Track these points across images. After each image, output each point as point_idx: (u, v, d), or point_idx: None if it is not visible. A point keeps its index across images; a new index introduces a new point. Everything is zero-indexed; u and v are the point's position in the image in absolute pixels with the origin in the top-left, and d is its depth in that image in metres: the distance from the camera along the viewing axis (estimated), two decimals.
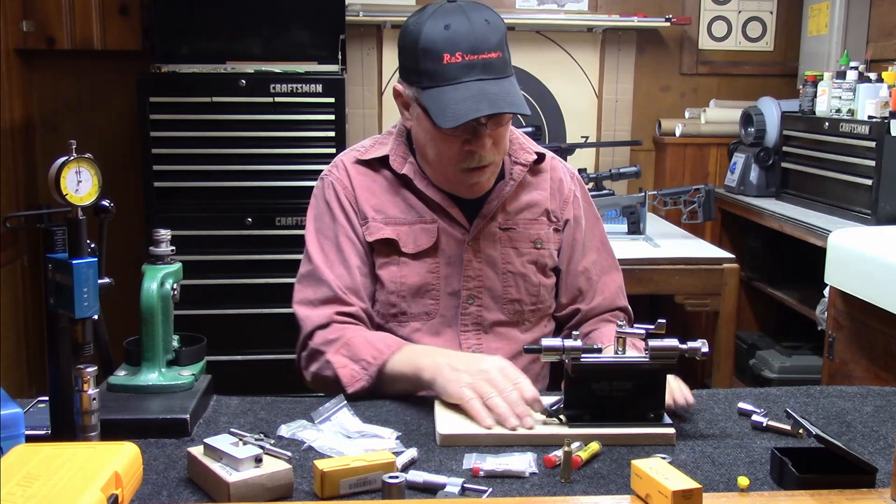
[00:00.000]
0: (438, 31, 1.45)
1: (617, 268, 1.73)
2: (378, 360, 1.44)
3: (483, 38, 1.46)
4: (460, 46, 1.45)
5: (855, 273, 2.35)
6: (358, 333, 1.51)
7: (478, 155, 1.51)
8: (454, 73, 1.45)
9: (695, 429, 1.32)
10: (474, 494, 1.09)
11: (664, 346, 1.28)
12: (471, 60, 1.45)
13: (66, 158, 1.13)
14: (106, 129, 3.45)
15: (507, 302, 1.62)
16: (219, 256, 3.02)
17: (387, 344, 1.47)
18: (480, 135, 1.49)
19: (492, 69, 1.47)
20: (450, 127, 1.45)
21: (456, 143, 1.51)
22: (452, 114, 1.44)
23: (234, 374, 2.71)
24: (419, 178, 1.60)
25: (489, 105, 1.45)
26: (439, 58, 1.45)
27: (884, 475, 1.12)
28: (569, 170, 1.74)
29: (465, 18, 1.46)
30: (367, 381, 1.45)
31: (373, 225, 1.59)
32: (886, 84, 2.88)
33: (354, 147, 1.69)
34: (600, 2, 3.75)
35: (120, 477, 1.01)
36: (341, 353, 1.48)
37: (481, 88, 1.45)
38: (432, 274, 1.59)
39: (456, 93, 1.45)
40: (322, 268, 1.57)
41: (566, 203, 1.68)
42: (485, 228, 1.61)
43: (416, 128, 1.57)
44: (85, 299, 1.12)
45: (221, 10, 3.12)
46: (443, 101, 1.45)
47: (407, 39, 1.51)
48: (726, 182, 3.61)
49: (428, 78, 1.47)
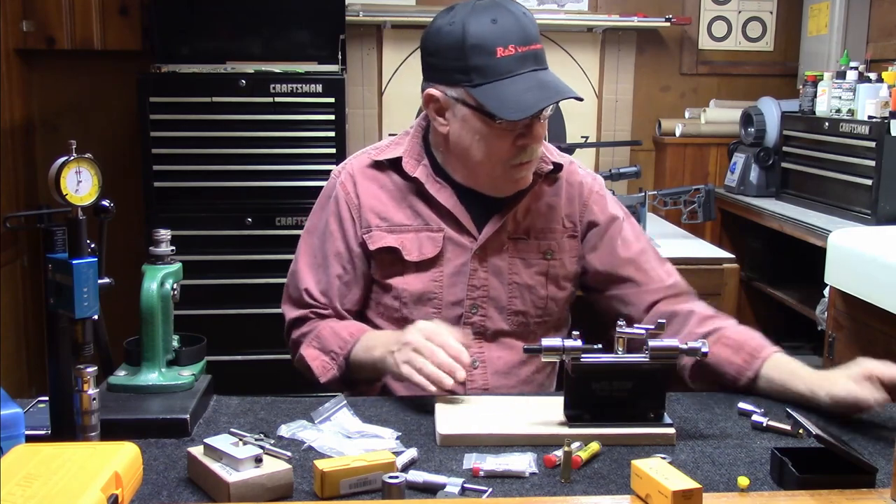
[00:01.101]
0: (486, 25, 1.44)
1: (666, 261, 1.67)
2: (343, 349, 1.51)
3: (529, 29, 1.46)
4: (511, 39, 1.44)
5: (855, 273, 2.35)
6: (327, 324, 1.57)
7: (529, 148, 1.50)
8: (509, 66, 1.44)
9: (695, 429, 1.32)
10: (474, 494, 1.09)
11: (664, 346, 1.28)
12: (524, 52, 1.45)
13: (66, 158, 1.13)
14: (106, 129, 3.45)
15: (512, 313, 1.59)
16: (219, 256, 3.02)
17: (350, 332, 1.53)
18: (534, 127, 1.49)
19: (541, 59, 1.48)
20: (518, 119, 1.44)
21: (509, 138, 1.49)
22: (517, 106, 1.43)
23: (234, 374, 2.71)
24: (431, 182, 1.58)
25: (554, 93, 1.45)
26: (492, 52, 1.44)
27: (884, 475, 1.12)
28: (590, 173, 1.69)
29: (508, 11, 1.46)
30: (338, 371, 1.52)
31: (376, 234, 1.58)
32: (886, 84, 2.88)
33: (372, 146, 1.68)
34: (600, 2, 3.75)
35: (120, 477, 1.01)
36: (313, 345, 1.56)
37: (537, 79, 1.46)
38: (435, 283, 1.57)
39: (515, 85, 1.44)
40: (303, 270, 1.62)
41: (586, 206, 1.64)
42: (493, 238, 1.58)
43: (458, 130, 1.52)
44: (85, 299, 1.12)
45: (221, 10, 3.12)
46: (502, 94, 1.44)
47: (446, 40, 1.47)
48: (726, 182, 3.61)
49: (479, 74, 1.45)
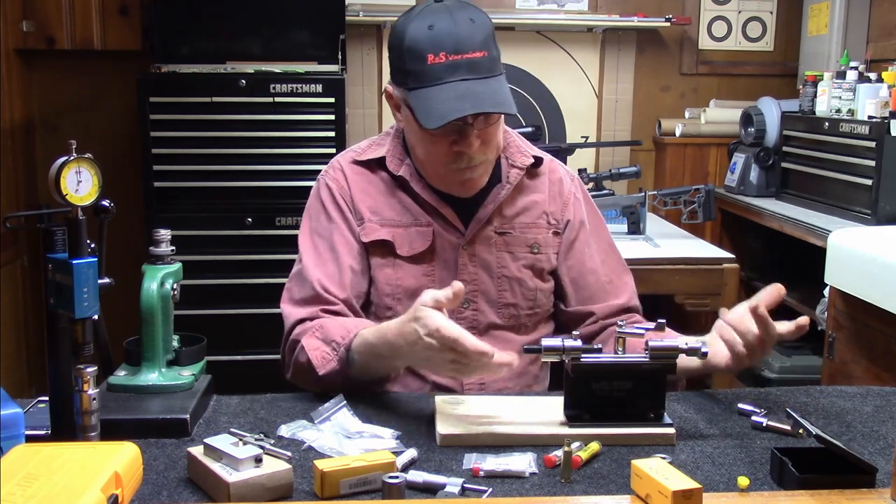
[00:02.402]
0: (422, 31, 1.45)
1: (628, 271, 1.70)
2: (346, 339, 1.42)
3: (467, 38, 1.45)
4: (444, 46, 1.44)
5: (855, 273, 2.35)
6: (335, 319, 1.50)
7: (466, 155, 1.50)
8: (438, 74, 1.45)
9: (695, 429, 1.32)
10: (474, 494, 1.09)
11: (664, 346, 1.28)
12: (454, 60, 1.45)
13: (66, 158, 1.13)
14: (106, 129, 3.45)
15: (503, 306, 1.61)
16: (219, 256, 3.02)
17: (356, 324, 1.46)
18: (467, 135, 1.49)
19: (477, 68, 1.46)
20: (433, 127, 1.45)
21: (444, 143, 1.50)
22: (437, 114, 1.44)
23: (234, 374, 2.69)
24: (415, 180, 1.59)
25: (472, 105, 1.44)
26: (423, 58, 1.45)
27: (884, 475, 1.12)
28: (568, 172, 1.72)
29: (450, 18, 1.46)
30: (338, 363, 1.42)
31: (369, 226, 1.58)
32: (886, 84, 2.88)
33: (352, 148, 1.68)
34: (600, 2, 3.75)
35: (120, 477, 1.01)
36: (315, 335, 1.47)
37: (466, 88, 1.45)
38: (428, 277, 1.58)
39: (440, 93, 1.44)
40: (310, 267, 1.56)
41: (566, 205, 1.67)
42: (480, 232, 1.59)
43: (406, 129, 1.57)
44: (85, 299, 1.12)
45: (221, 10, 3.12)
46: (427, 101, 1.45)
47: (394, 40, 1.51)
48: (726, 182, 3.61)
49: (413, 79, 1.47)
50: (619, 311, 1.64)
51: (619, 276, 1.68)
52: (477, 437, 1.24)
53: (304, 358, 1.46)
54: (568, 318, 1.66)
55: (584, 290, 1.65)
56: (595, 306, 1.64)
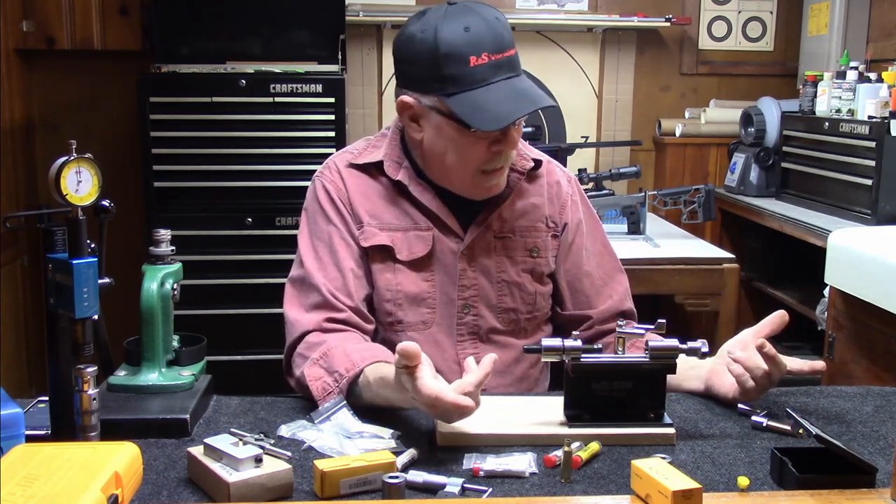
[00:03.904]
0: (458, 34, 1.43)
1: (622, 270, 1.70)
2: (351, 371, 1.36)
3: (502, 36, 1.45)
4: (485, 47, 1.43)
5: (855, 273, 2.35)
6: (340, 343, 1.44)
7: (503, 154, 1.50)
8: (483, 75, 1.44)
9: (695, 429, 1.32)
10: (474, 494, 1.09)
11: (664, 346, 1.28)
12: (497, 60, 1.44)
13: (66, 158, 1.13)
14: (106, 129, 3.45)
15: (503, 311, 1.59)
16: (219, 256, 3.02)
17: (362, 357, 1.38)
18: (509, 134, 1.48)
19: (515, 66, 1.47)
20: (497, 128, 1.44)
21: (483, 145, 1.48)
22: (493, 116, 1.42)
23: (234, 374, 2.71)
24: (414, 185, 1.57)
25: (529, 103, 1.44)
26: (465, 61, 1.43)
27: (884, 475, 1.12)
28: (566, 173, 1.71)
29: (480, 18, 1.44)
30: (338, 393, 1.37)
31: (368, 230, 1.55)
32: (886, 84, 2.88)
33: (346, 149, 1.65)
34: (600, 2, 3.75)
35: (120, 477, 1.01)
36: (319, 364, 1.41)
37: (512, 87, 1.45)
38: (428, 283, 1.56)
39: (490, 94, 1.43)
40: (313, 272, 1.52)
41: (564, 207, 1.66)
42: (479, 237, 1.58)
43: (432, 137, 1.51)
44: (85, 299, 1.12)
45: (221, 10, 3.12)
46: (477, 104, 1.43)
47: (419, 48, 1.46)
48: (726, 182, 3.62)
49: (453, 83, 1.44)
50: (615, 315, 1.64)
51: (613, 277, 1.68)
52: (477, 437, 1.24)
53: (305, 383, 1.42)
54: (565, 321, 1.66)
55: (580, 294, 1.65)
56: (592, 311, 1.64)
